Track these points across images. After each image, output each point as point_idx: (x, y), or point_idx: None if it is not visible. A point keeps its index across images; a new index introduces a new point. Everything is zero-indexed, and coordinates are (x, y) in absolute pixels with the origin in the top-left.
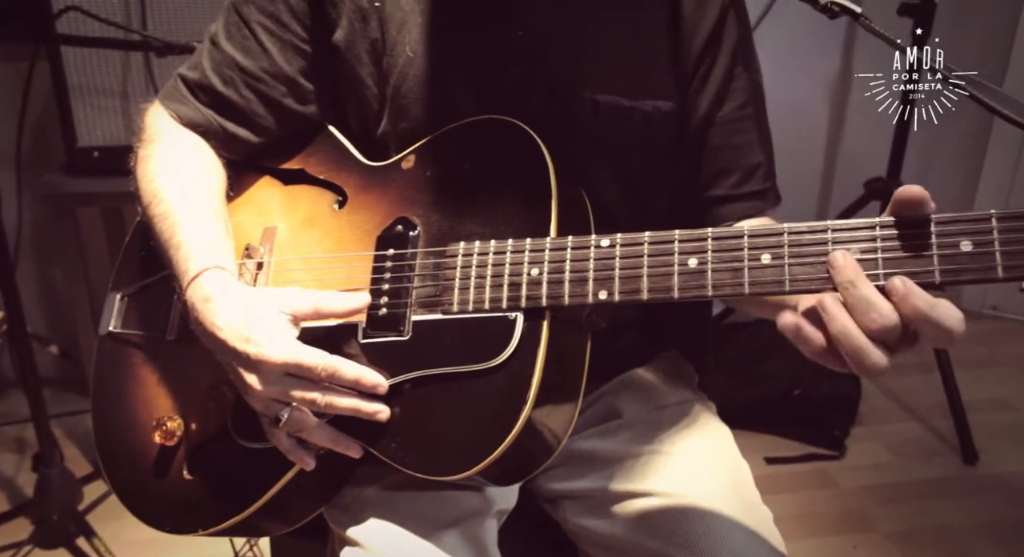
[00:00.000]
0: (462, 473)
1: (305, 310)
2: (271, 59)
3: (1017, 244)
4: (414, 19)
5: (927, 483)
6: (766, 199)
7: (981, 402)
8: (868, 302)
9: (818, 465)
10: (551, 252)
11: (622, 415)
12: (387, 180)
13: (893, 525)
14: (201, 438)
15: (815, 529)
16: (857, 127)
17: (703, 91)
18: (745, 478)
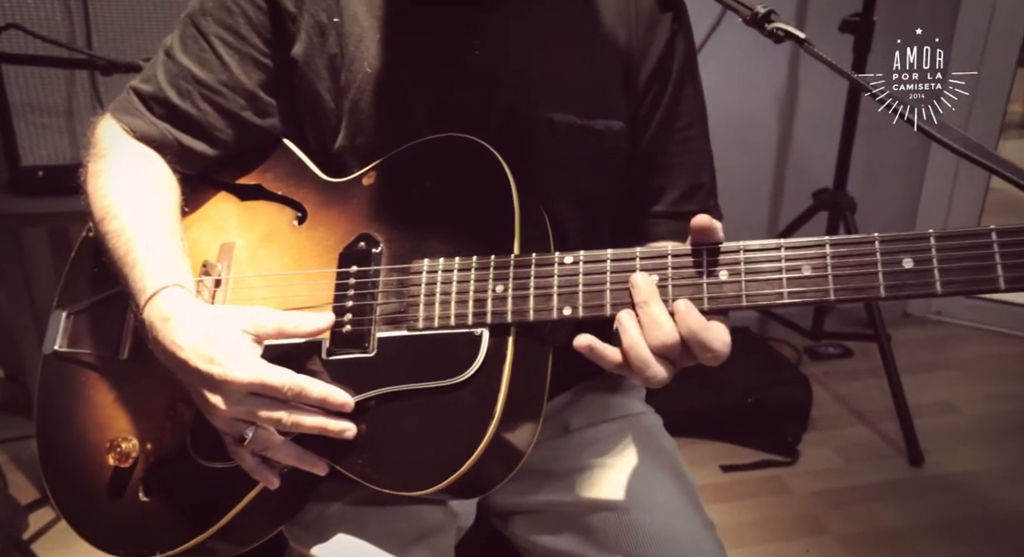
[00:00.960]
0: (429, 489)
1: (269, 330)
2: (229, 72)
3: (954, 262)
4: (372, 35)
5: (876, 486)
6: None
7: (927, 406)
8: (655, 321)
9: (772, 471)
10: (516, 269)
11: (570, 429)
12: (348, 196)
13: (844, 528)
14: (158, 459)
15: (769, 534)
16: (804, 140)
17: (650, 112)
18: (690, 489)
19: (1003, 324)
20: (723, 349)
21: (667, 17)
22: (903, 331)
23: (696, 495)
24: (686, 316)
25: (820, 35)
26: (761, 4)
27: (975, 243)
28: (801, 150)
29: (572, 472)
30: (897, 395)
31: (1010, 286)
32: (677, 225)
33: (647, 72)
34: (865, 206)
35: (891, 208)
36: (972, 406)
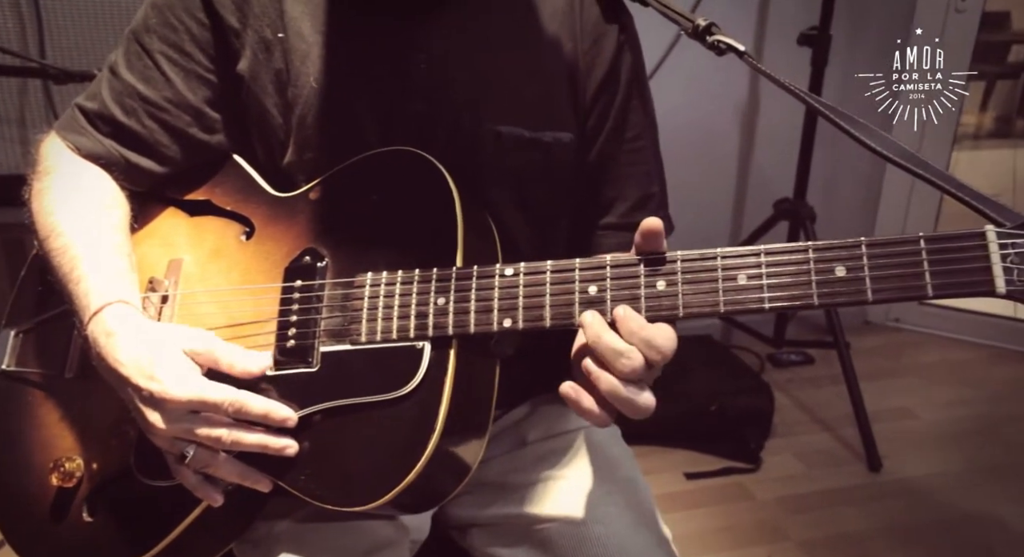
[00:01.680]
0: (372, 503)
1: (205, 359)
2: (175, 89)
3: (884, 269)
4: (318, 51)
5: (835, 492)
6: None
7: (885, 412)
8: (615, 350)
9: (735, 478)
10: (457, 282)
11: (527, 442)
12: (294, 211)
13: (804, 534)
14: (103, 478)
15: (732, 541)
16: (765, 151)
17: (598, 124)
18: (645, 499)
19: (959, 331)
20: (668, 345)
21: (613, 29)
22: (863, 338)
23: (652, 507)
24: (626, 320)
25: (779, 48)
26: (703, 17)
27: (904, 251)
28: (762, 161)
29: (529, 485)
30: (856, 402)
31: (938, 293)
32: (628, 237)
33: (594, 84)
34: (825, 215)
35: (850, 217)
36: (929, 412)
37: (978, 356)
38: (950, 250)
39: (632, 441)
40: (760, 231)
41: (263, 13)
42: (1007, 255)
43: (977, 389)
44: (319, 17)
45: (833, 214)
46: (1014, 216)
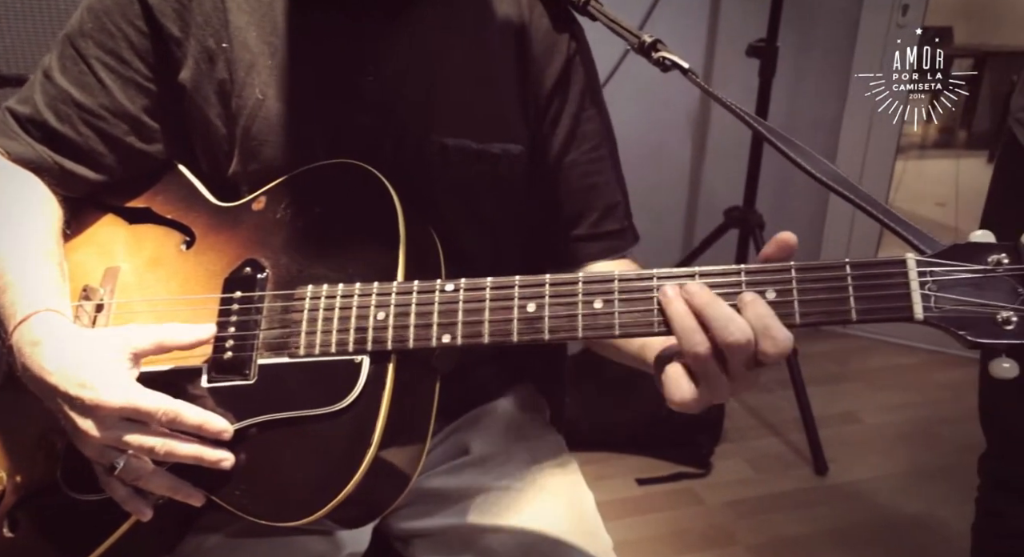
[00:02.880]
0: (304, 519)
1: (146, 346)
2: (111, 96)
3: (812, 293)
4: (263, 61)
5: (783, 495)
6: (624, 238)
7: (832, 416)
8: (728, 316)
9: (686, 483)
10: (397, 296)
11: (470, 451)
12: (237, 221)
13: (752, 538)
14: (27, 492)
15: (682, 547)
16: (716, 160)
17: (553, 134)
18: (588, 509)
19: (904, 337)
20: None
21: (563, 39)
22: (811, 344)
23: (594, 514)
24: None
25: (728, 60)
26: (649, 34)
27: (831, 276)
28: (713, 170)
29: (471, 495)
30: (803, 407)
31: (861, 317)
32: (601, 245)
33: (545, 93)
34: (773, 222)
35: (799, 224)
36: (873, 416)
37: (921, 361)
38: (873, 276)
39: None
40: (711, 238)
41: (206, 22)
42: (925, 282)
43: (919, 393)
44: (266, 27)
45: (782, 222)
46: (935, 244)
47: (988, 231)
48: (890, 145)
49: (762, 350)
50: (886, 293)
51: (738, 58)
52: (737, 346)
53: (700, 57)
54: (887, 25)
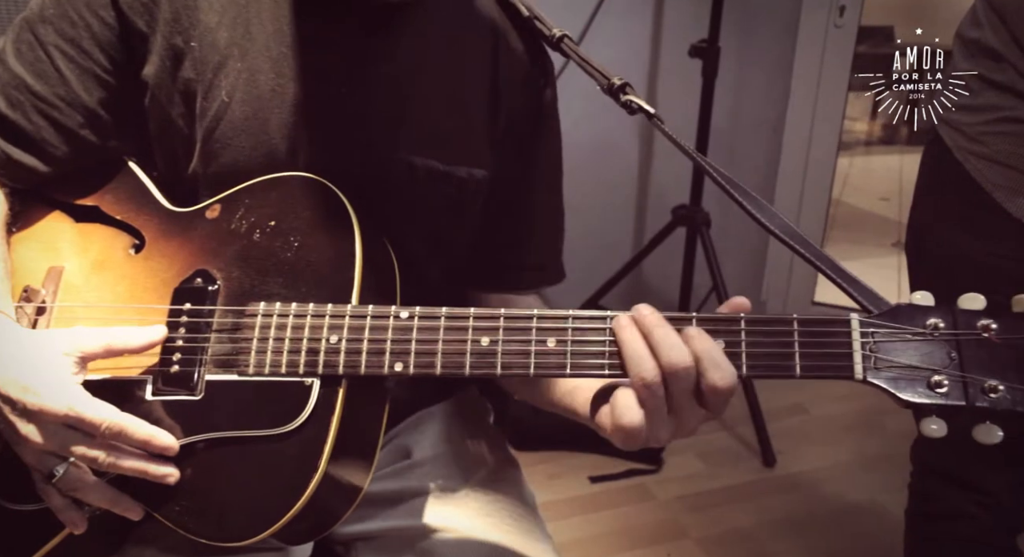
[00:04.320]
0: (245, 541)
1: (95, 349)
2: (68, 86)
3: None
4: (232, 63)
5: (732, 488)
6: (549, 274)
7: (780, 409)
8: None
9: (638, 480)
10: (351, 320)
11: (412, 455)
12: (189, 228)
13: (702, 531)
14: None
15: (632, 542)
16: (663, 160)
17: (516, 163)
18: (529, 508)
19: None
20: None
21: (535, 71)
22: None
23: (536, 512)
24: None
25: (673, 61)
26: (619, 77)
27: (779, 330)
28: (660, 170)
29: (413, 497)
30: (752, 400)
31: (804, 374)
32: (542, 275)
33: (514, 124)
34: (720, 220)
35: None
36: (820, 407)
37: None
38: (819, 334)
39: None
40: (660, 237)
41: (175, 19)
42: (867, 343)
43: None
44: (238, 29)
45: (728, 219)
46: (880, 303)
47: (928, 293)
48: (832, 142)
49: (709, 380)
50: (829, 351)
51: (682, 59)
52: (680, 369)
53: (645, 58)
54: (825, 25)
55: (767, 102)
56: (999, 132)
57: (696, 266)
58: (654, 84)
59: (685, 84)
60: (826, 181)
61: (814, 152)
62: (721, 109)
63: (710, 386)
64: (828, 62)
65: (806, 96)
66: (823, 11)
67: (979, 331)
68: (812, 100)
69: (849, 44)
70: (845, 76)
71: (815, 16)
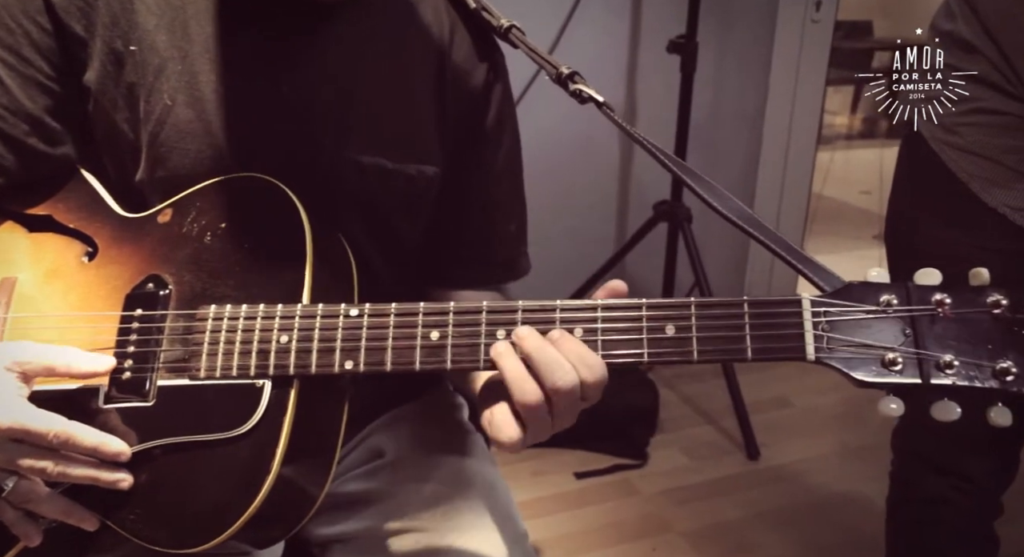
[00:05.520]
0: (200, 546)
1: (35, 368)
2: (11, 95)
3: (710, 331)
4: (173, 66)
5: (717, 482)
6: (512, 270)
7: (763, 401)
8: (557, 362)
9: (623, 475)
10: (301, 320)
11: (384, 454)
12: (141, 233)
13: (687, 525)
14: None
15: (618, 537)
16: (644, 155)
17: (467, 158)
18: (503, 502)
19: None
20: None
21: (483, 66)
22: None
23: (511, 509)
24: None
25: (652, 56)
26: (567, 65)
27: (729, 313)
28: (641, 165)
29: (386, 498)
30: (735, 394)
31: (756, 356)
32: (486, 271)
33: (461, 118)
34: (702, 215)
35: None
36: (803, 399)
37: None
38: (769, 315)
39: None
40: (641, 232)
41: (113, 23)
42: (819, 323)
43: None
44: (176, 31)
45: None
46: (834, 281)
47: (884, 270)
48: (811, 136)
49: (583, 379)
50: (780, 332)
51: (660, 54)
52: (565, 390)
53: (624, 54)
54: (802, 20)
55: (746, 97)
56: (973, 123)
57: (678, 261)
58: (633, 80)
59: (664, 80)
60: (806, 175)
61: (794, 146)
62: (700, 104)
63: (584, 382)
64: (806, 56)
65: (785, 90)
66: (800, 5)
67: (933, 306)
68: (791, 94)
69: (826, 38)
70: (823, 70)
71: (792, 10)
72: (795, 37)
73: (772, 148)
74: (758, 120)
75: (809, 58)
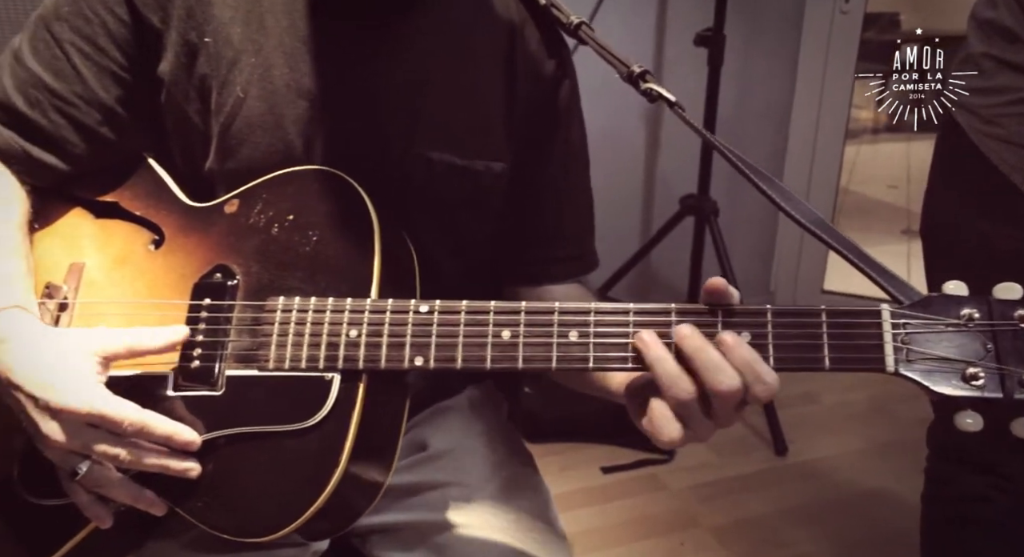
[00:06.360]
0: (267, 537)
1: (118, 350)
2: (85, 84)
3: (786, 339)
4: (247, 58)
5: (744, 478)
6: (586, 264)
7: (792, 398)
8: (716, 365)
9: (650, 470)
10: (371, 314)
11: (428, 447)
12: (208, 223)
13: (715, 520)
14: None
15: (646, 531)
16: (670, 149)
17: (535, 155)
18: (545, 504)
19: None
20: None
21: (552, 62)
22: None
23: (552, 509)
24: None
25: (678, 50)
26: (638, 64)
27: (807, 322)
28: (667, 159)
29: (428, 490)
30: None
31: (834, 366)
32: (571, 267)
33: (532, 115)
34: (728, 209)
35: (752, 210)
36: (830, 395)
37: None
38: (848, 325)
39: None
40: (667, 227)
41: (188, 15)
42: (898, 335)
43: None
44: (251, 24)
45: (736, 208)
46: (910, 293)
47: (961, 283)
48: (839, 130)
49: (753, 394)
50: (859, 343)
51: (687, 47)
52: (728, 394)
53: (650, 47)
54: (831, 12)
55: (773, 90)
56: (1015, 113)
57: (704, 255)
58: (659, 73)
59: (691, 73)
60: (834, 169)
61: (821, 140)
62: (727, 98)
63: (753, 398)
64: (834, 49)
65: (812, 84)
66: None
67: (1016, 321)
68: (819, 87)
69: (855, 31)
70: (852, 63)
71: (821, 2)
72: (823, 29)
73: (799, 142)
74: (785, 114)
75: (837, 51)
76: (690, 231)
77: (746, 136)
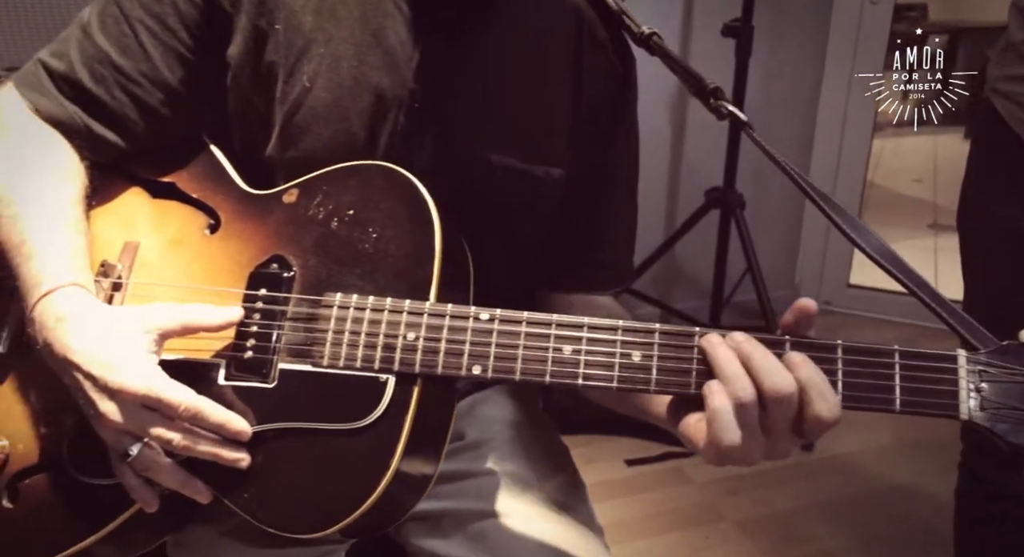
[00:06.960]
0: (313, 534)
1: (173, 326)
2: (151, 63)
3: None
4: (316, 49)
5: (769, 472)
6: (624, 274)
7: None
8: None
9: (674, 463)
10: (429, 318)
11: (464, 437)
12: (266, 211)
13: (740, 514)
14: (30, 464)
15: (672, 524)
16: (695, 142)
17: (597, 163)
18: (579, 496)
19: (887, 312)
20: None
21: (619, 72)
22: None
23: (587, 502)
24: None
25: (705, 40)
26: (710, 81)
27: (879, 362)
28: (693, 152)
29: (465, 479)
30: None
31: (905, 409)
32: (615, 275)
33: (596, 124)
34: (754, 202)
35: (778, 204)
36: None
37: (902, 335)
38: (922, 368)
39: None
40: (693, 219)
41: (260, 1)
42: (974, 383)
43: None
44: (323, 13)
45: (762, 201)
46: (988, 341)
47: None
48: (867, 123)
49: (814, 410)
50: (933, 387)
51: (714, 38)
52: (782, 396)
53: (677, 37)
54: (860, 3)
55: (800, 82)
56: None
57: (729, 248)
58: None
59: (718, 64)
60: (861, 163)
61: (849, 133)
62: (754, 89)
63: (814, 416)
64: (863, 41)
65: (841, 75)
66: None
67: None
68: (847, 80)
69: (885, 22)
70: (881, 55)
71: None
72: (853, 20)
73: (826, 135)
74: (812, 106)
75: (867, 42)
76: (715, 224)
77: (773, 128)
